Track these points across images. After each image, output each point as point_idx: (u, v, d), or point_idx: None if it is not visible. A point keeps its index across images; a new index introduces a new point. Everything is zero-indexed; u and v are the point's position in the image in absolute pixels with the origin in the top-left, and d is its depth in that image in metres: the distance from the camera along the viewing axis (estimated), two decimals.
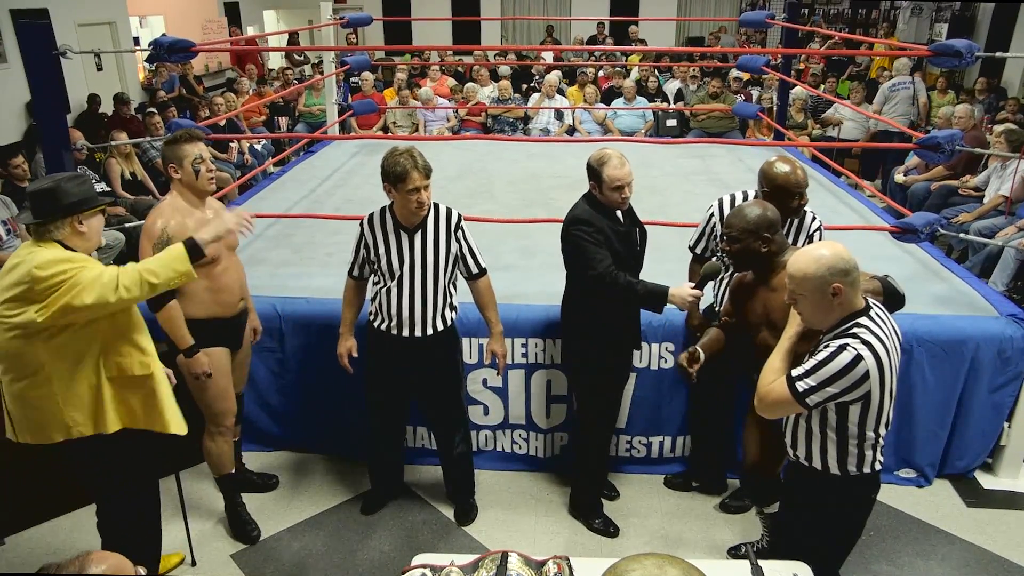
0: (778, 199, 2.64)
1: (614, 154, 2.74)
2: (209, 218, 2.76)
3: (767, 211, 2.41)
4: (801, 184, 2.70)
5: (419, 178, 2.68)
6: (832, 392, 1.98)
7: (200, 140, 2.78)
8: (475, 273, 2.92)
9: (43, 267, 2.07)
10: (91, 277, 2.11)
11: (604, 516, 3.17)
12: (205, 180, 2.76)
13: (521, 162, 5.94)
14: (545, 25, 14.43)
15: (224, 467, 3.03)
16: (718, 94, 8.00)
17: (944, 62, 3.67)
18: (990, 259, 5.25)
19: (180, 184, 2.76)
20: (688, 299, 2.66)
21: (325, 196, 5.18)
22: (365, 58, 7.13)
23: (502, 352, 3.00)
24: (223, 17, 13.32)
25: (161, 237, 2.65)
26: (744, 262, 2.49)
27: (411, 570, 1.95)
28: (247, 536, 3.07)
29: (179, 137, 2.75)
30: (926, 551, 3.05)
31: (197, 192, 2.78)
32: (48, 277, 2.06)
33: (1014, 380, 3.30)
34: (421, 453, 3.52)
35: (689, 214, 4.10)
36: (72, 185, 2.20)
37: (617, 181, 2.71)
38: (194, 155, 2.72)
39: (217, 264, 2.78)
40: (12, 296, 2.10)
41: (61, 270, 2.08)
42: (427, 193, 2.73)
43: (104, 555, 1.33)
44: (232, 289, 2.88)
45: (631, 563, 1.67)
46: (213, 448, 2.97)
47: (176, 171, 2.74)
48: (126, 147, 6.27)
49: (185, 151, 2.72)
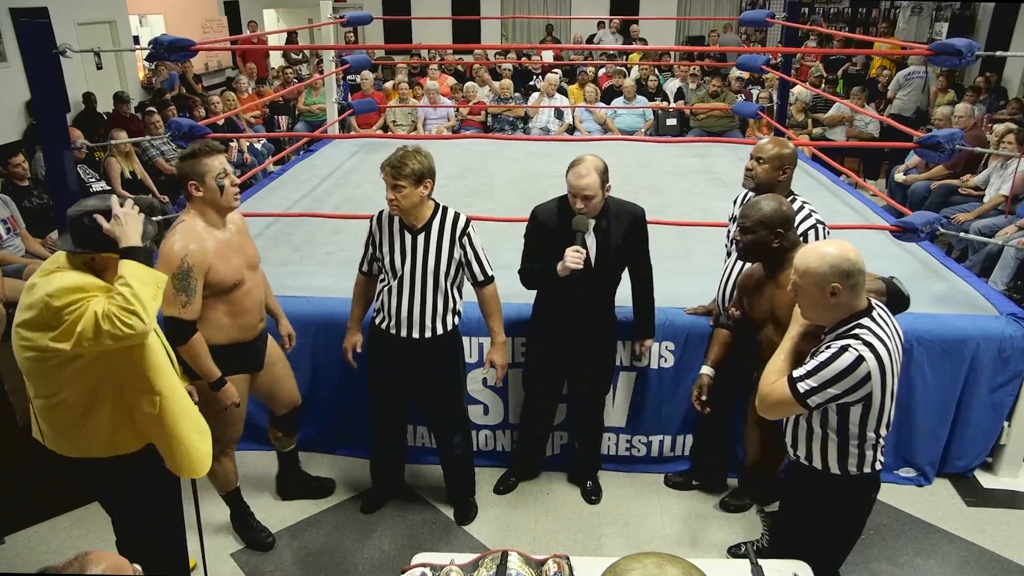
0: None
1: (587, 161, 2.72)
2: (228, 239, 2.62)
3: (783, 206, 2.42)
4: (757, 148, 2.85)
5: (385, 174, 2.66)
6: (833, 393, 1.97)
7: (221, 152, 2.58)
8: (481, 281, 2.87)
9: (56, 296, 1.92)
10: (93, 313, 1.95)
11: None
12: (230, 196, 2.57)
13: (521, 161, 5.95)
14: (545, 24, 14.41)
15: (231, 484, 2.95)
16: (718, 93, 8.00)
17: (944, 61, 3.67)
18: (990, 258, 5.25)
19: (201, 202, 2.55)
20: (570, 258, 2.70)
21: (325, 195, 5.17)
22: (365, 57, 7.12)
23: (501, 363, 2.97)
24: (223, 16, 13.31)
25: (181, 266, 2.46)
26: (754, 254, 2.48)
27: (411, 569, 1.95)
28: (262, 544, 3.01)
29: (198, 151, 2.53)
30: (926, 550, 3.05)
31: (220, 209, 2.59)
32: (60, 308, 1.92)
33: (1014, 379, 3.30)
34: (421, 452, 3.51)
35: (689, 213, 4.11)
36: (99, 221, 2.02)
37: (570, 188, 2.73)
38: (217, 170, 2.52)
39: (240, 287, 2.65)
40: (27, 319, 1.99)
41: (72, 300, 1.93)
42: (395, 194, 2.65)
43: (103, 555, 1.33)
44: (253, 311, 2.74)
45: (631, 562, 1.67)
46: (219, 469, 2.85)
47: (197, 188, 2.52)
48: (126, 146, 6.26)
49: (207, 165, 2.51)
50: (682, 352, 3.31)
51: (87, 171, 5.86)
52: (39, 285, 1.97)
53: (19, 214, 4.94)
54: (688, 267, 3.79)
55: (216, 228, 2.60)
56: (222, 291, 2.59)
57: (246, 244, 2.76)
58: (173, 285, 2.43)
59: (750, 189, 2.90)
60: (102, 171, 6.18)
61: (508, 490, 3.37)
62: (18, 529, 3.10)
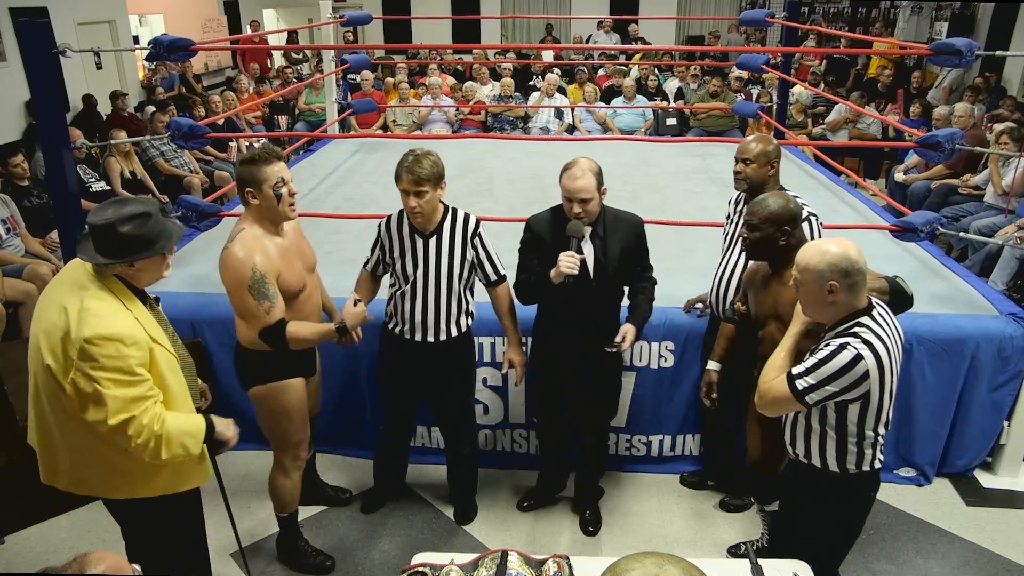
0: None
1: (580, 163, 2.61)
2: (288, 245, 2.56)
3: (790, 203, 2.42)
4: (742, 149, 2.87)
5: (406, 182, 2.59)
6: (831, 391, 1.98)
7: (280, 159, 2.47)
8: (493, 280, 2.84)
9: (95, 343, 1.85)
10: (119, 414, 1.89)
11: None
12: (287, 207, 2.47)
13: (521, 161, 5.95)
14: (544, 24, 14.41)
15: (293, 504, 2.84)
16: (718, 93, 7.99)
17: (944, 61, 3.66)
18: (990, 258, 5.25)
19: (258, 209, 2.46)
20: (564, 263, 2.53)
21: (325, 195, 5.17)
22: (365, 57, 7.12)
23: (520, 361, 2.90)
24: (223, 16, 13.31)
25: (254, 275, 2.39)
26: (760, 252, 2.48)
27: (411, 569, 1.95)
28: (323, 568, 2.89)
29: (257, 157, 2.43)
30: (925, 550, 3.05)
31: (276, 219, 2.50)
32: (94, 363, 1.85)
33: (1014, 379, 3.30)
34: (422, 452, 3.52)
35: (689, 212, 4.11)
36: (132, 227, 1.93)
37: (565, 192, 2.62)
38: (275, 178, 2.42)
39: (303, 291, 2.59)
40: (51, 344, 1.90)
41: (110, 365, 1.86)
42: (418, 200, 2.60)
43: (103, 555, 1.32)
44: (314, 316, 2.68)
45: (631, 562, 1.67)
46: (287, 484, 2.77)
47: (255, 196, 2.44)
48: (125, 146, 6.26)
49: (265, 173, 2.41)
50: (682, 351, 3.31)
51: (87, 171, 5.86)
52: (70, 310, 1.89)
53: (19, 214, 4.94)
54: (687, 266, 3.79)
55: (274, 235, 2.52)
56: (287, 298, 2.52)
57: (303, 246, 2.71)
58: (252, 296, 2.39)
59: (743, 191, 2.92)
60: (102, 171, 6.18)
61: (530, 509, 3.26)
62: (18, 529, 3.10)
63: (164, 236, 2.01)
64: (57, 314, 1.92)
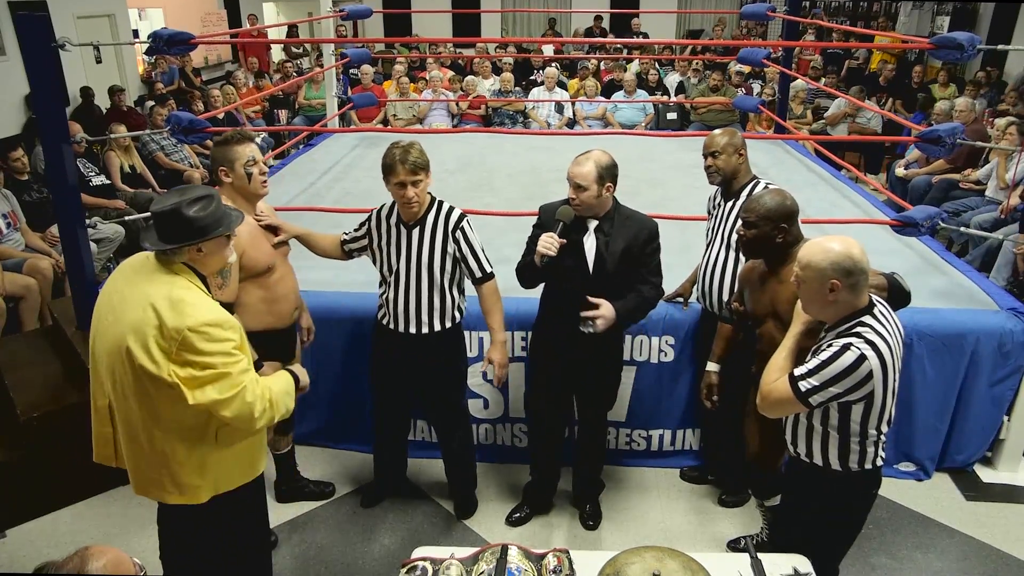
0: None
1: (591, 153, 2.66)
2: (259, 222, 2.68)
3: (787, 200, 2.41)
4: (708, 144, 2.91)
5: (403, 172, 2.64)
6: (835, 392, 1.97)
7: (251, 141, 2.63)
8: (478, 277, 2.83)
9: (199, 330, 1.88)
10: (238, 387, 1.96)
11: None
12: (258, 183, 2.62)
13: (521, 155, 5.94)
14: (547, 18, 14.39)
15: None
16: (719, 87, 7.98)
17: (946, 55, 3.65)
18: (990, 253, 5.25)
19: (231, 188, 2.61)
20: (542, 243, 2.58)
21: (325, 189, 5.17)
22: (365, 51, 7.11)
23: (500, 361, 2.89)
24: (222, 10, 13.28)
25: None
26: (756, 249, 2.47)
27: (411, 563, 1.96)
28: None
29: (230, 138, 2.61)
30: (925, 544, 3.05)
31: (249, 196, 2.64)
32: (201, 349, 1.89)
33: (1014, 374, 3.30)
34: (422, 446, 3.52)
35: (689, 207, 4.10)
36: (198, 208, 1.96)
37: (568, 175, 2.68)
38: (246, 157, 2.58)
39: (273, 273, 2.70)
40: (142, 341, 1.89)
41: (217, 349, 1.91)
42: (414, 190, 2.66)
43: (103, 549, 1.33)
44: (288, 299, 2.79)
45: (631, 556, 1.68)
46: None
47: (227, 174, 2.59)
48: (125, 140, 6.25)
49: (236, 152, 2.57)
50: (682, 346, 3.31)
51: (87, 165, 5.85)
52: (166, 308, 1.89)
53: (19, 208, 4.94)
54: (687, 261, 3.78)
55: (248, 212, 2.63)
56: (256, 275, 2.64)
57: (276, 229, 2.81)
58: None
59: (718, 184, 2.95)
60: (102, 165, 6.17)
61: (520, 523, 3.17)
62: (19, 523, 3.10)
63: (227, 218, 2.05)
64: (143, 311, 1.90)
